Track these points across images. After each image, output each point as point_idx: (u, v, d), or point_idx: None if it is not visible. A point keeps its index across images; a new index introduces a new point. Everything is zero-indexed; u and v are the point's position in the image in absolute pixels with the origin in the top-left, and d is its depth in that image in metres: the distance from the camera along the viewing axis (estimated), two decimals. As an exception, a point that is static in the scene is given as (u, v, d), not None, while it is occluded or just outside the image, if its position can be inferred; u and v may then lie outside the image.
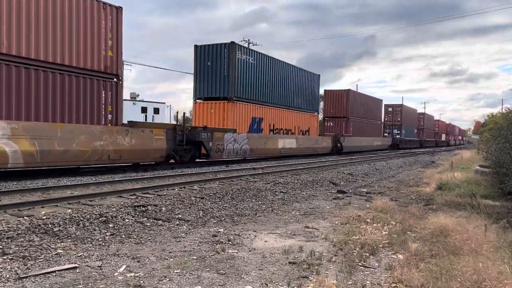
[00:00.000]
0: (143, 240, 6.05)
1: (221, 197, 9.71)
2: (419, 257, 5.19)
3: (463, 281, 4.18)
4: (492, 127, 15.80)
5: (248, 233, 6.59)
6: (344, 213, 8.45)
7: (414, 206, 9.02)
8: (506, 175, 9.48)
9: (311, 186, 12.85)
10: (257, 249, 5.71)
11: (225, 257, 5.25)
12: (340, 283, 4.36)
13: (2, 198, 8.60)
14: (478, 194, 9.81)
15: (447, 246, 5.59)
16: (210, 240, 6.08)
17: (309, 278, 4.51)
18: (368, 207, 9.15)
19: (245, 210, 8.68)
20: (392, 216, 7.89)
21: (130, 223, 6.90)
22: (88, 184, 10.92)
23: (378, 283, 4.44)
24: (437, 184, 12.60)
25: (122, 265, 4.80)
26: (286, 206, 9.38)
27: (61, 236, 5.95)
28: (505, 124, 11.21)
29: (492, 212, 8.20)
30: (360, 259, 5.21)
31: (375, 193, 11.99)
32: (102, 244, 5.74)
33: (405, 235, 6.43)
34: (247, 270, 4.78)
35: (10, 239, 5.58)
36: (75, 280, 4.28)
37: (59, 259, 4.98)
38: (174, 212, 7.90)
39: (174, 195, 9.56)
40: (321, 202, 10.10)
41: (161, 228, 6.78)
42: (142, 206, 7.94)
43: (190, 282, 4.32)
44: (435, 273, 4.51)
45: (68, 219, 6.68)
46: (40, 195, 9.15)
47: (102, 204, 8.13)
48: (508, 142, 9.93)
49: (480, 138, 27.25)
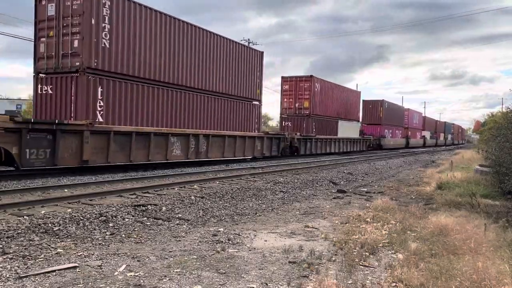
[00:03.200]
0: (143, 239, 6.05)
1: (221, 197, 9.71)
2: (419, 257, 5.19)
3: (463, 281, 4.18)
4: (492, 127, 15.81)
5: (248, 233, 6.59)
6: (344, 213, 8.46)
7: (414, 206, 9.02)
8: (506, 175, 9.48)
9: (311, 186, 12.85)
10: (257, 248, 5.71)
11: (225, 256, 5.25)
12: (340, 282, 4.36)
13: (2, 197, 8.60)
14: (478, 193, 9.81)
15: (447, 245, 5.59)
16: (210, 239, 6.08)
17: (309, 278, 4.52)
18: (368, 206, 9.16)
19: (245, 209, 8.68)
20: (392, 215, 7.89)
21: (130, 223, 6.91)
22: (88, 184, 10.93)
23: (378, 283, 4.44)
24: (437, 184, 12.60)
25: (122, 265, 4.80)
26: (286, 205, 9.38)
27: (61, 235, 5.95)
28: (504, 123, 11.21)
29: (492, 212, 8.21)
30: (360, 259, 5.21)
31: (375, 192, 11.99)
32: (102, 243, 5.74)
33: (405, 235, 6.43)
34: (247, 269, 4.79)
35: (10, 239, 5.58)
36: (75, 280, 4.28)
37: (59, 258, 4.99)
38: (174, 212, 7.91)
39: (174, 194, 9.57)
40: (321, 201, 10.10)
41: (161, 228, 6.78)
42: (142, 206, 7.95)
43: (190, 281, 4.33)
44: (435, 272, 4.51)
45: (68, 218, 6.68)
46: (40, 195, 9.15)
47: (102, 204, 8.14)
48: (508, 141, 9.93)
49: (480, 138, 27.28)
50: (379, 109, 44.68)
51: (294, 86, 29.87)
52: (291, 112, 30.03)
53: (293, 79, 30.09)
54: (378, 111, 44.70)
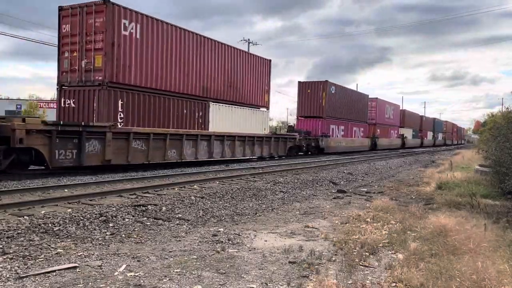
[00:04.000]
0: (143, 239, 6.05)
1: (221, 197, 9.71)
2: (419, 257, 5.19)
3: (463, 281, 4.18)
4: (492, 127, 15.81)
5: (248, 233, 6.59)
6: (344, 213, 8.46)
7: (414, 206, 9.02)
8: (506, 175, 9.48)
9: (311, 186, 12.85)
10: (257, 248, 5.71)
11: (225, 256, 5.25)
12: (340, 282, 4.36)
13: (2, 197, 8.60)
14: (478, 193, 9.81)
15: (447, 245, 5.59)
16: (210, 239, 6.08)
17: (309, 278, 4.52)
18: (368, 206, 9.16)
19: (245, 209, 8.68)
20: (392, 215, 7.89)
21: (130, 223, 6.91)
22: (88, 184, 10.93)
23: (378, 283, 4.44)
24: (437, 184, 12.60)
25: (122, 265, 4.80)
26: (286, 205, 9.38)
27: (61, 235, 5.95)
28: (505, 123, 11.21)
29: (492, 212, 8.21)
30: (360, 259, 5.21)
31: (375, 192, 11.99)
32: (102, 243, 5.74)
33: (405, 235, 6.43)
34: (247, 269, 4.79)
35: (10, 239, 5.58)
36: (75, 280, 4.28)
37: (59, 258, 4.99)
38: (174, 212, 7.91)
39: (174, 194, 9.57)
40: (321, 201, 10.10)
41: (161, 228, 6.78)
42: (142, 206, 7.95)
43: (190, 281, 4.33)
44: (434, 272, 4.51)
45: (68, 218, 6.68)
46: (40, 195, 9.15)
47: (102, 204, 8.14)
48: (508, 141, 9.93)
49: (480, 138, 27.27)
50: (321, 95, 30.51)
51: (79, 23, 14.70)
52: (74, 79, 14.97)
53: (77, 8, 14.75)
54: (319, 98, 30.55)
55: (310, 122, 31.03)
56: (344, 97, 34.06)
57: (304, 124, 30.93)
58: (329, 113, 31.51)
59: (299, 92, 31.52)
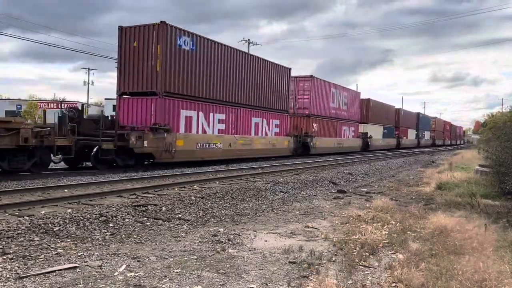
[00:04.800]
0: (143, 239, 6.05)
1: (221, 197, 9.71)
2: (419, 257, 5.19)
3: (463, 281, 4.18)
4: (492, 126, 15.79)
5: (248, 233, 6.59)
6: (344, 213, 8.46)
7: (414, 206, 9.02)
8: (506, 175, 9.48)
9: (311, 186, 12.85)
10: (257, 248, 5.71)
11: (225, 256, 5.25)
12: (340, 282, 4.36)
13: (2, 197, 8.59)
14: (478, 193, 9.80)
15: (447, 245, 5.59)
16: (210, 239, 6.08)
17: (309, 278, 4.52)
18: (368, 206, 9.15)
19: (245, 209, 8.68)
20: (392, 215, 7.89)
21: (130, 223, 6.90)
22: (88, 184, 10.92)
23: (378, 283, 4.44)
24: (437, 184, 12.60)
25: (122, 265, 4.80)
26: (286, 205, 9.38)
27: (61, 235, 5.95)
28: (508, 123, 11.20)
29: (492, 212, 8.21)
30: (360, 259, 5.21)
31: (375, 192, 11.99)
32: (102, 243, 5.74)
33: (405, 235, 6.43)
34: (247, 269, 4.79)
35: (10, 239, 5.58)
36: (75, 280, 4.28)
37: (59, 258, 4.99)
38: (174, 212, 7.90)
39: (174, 194, 9.56)
40: (321, 201, 10.10)
41: (161, 228, 6.78)
42: (142, 206, 7.94)
43: (190, 281, 4.33)
44: (435, 272, 4.51)
45: (68, 218, 6.68)
46: (40, 195, 9.14)
47: (102, 204, 8.13)
48: (509, 140, 9.93)
49: (480, 138, 27.25)
50: (155, 52, 15.51)
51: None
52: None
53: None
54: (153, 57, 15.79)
55: (139, 104, 16.42)
56: (219, 61, 18.88)
57: (129, 109, 16.57)
58: (173, 87, 16.44)
59: (121, 48, 16.72)
